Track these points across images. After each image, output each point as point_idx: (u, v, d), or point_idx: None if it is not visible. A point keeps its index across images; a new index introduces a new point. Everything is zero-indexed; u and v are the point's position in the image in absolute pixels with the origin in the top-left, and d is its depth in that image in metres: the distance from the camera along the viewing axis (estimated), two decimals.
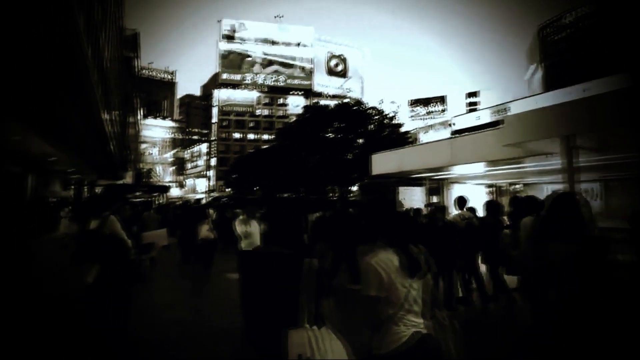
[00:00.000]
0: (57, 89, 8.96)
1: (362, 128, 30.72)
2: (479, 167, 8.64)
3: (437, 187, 13.01)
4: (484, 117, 20.18)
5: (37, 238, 11.44)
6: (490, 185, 13.28)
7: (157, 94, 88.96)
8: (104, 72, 16.13)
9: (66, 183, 27.76)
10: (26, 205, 14.47)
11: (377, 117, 30.50)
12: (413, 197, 12.91)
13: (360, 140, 31.16)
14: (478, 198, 9.50)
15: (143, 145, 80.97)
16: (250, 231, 4.52)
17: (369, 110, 30.27)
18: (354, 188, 44.05)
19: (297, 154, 29.98)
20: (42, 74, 7.37)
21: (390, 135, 30.13)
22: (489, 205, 5.84)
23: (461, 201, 6.29)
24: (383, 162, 11.98)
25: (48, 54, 7.50)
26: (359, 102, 33.08)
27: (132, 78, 36.50)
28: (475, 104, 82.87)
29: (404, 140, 30.92)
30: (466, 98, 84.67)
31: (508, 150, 5.56)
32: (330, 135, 30.90)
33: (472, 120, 19.68)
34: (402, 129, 32.13)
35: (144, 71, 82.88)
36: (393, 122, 30.95)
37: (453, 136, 12.57)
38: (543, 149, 5.02)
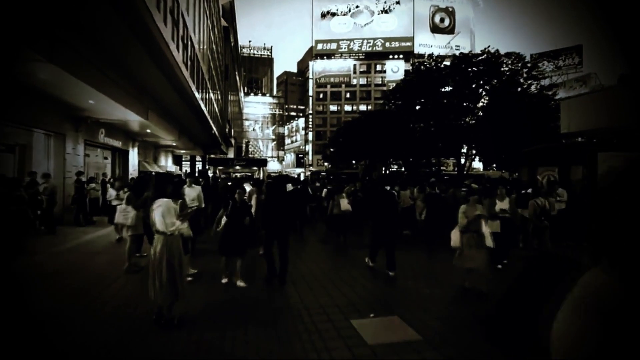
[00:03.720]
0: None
1: (486, 85, 24.33)
2: None
3: None
4: None
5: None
6: None
7: (257, 72, 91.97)
8: (193, 51, 14.40)
9: (176, 159, 28.95)
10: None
11: (508, 71, 23.61)
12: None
13: (482, 102, 24.90)
14: None
15: (246, 123, 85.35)
16: None
17: (501, 59, 23.43)
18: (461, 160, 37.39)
19: (397, 121, 25.36)
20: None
21: (523, 94, 23.12)
22: None
23: None
24: (584, 112, 7.21)
25: None
26: (473, 55, 25.26)
27: (231, 51, 36.22)
28: None
29: (546, 99, 23.50)
30: None
31: None
32: (441, 98, 25.20)
33: None
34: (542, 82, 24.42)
35: (244, 50, 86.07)
36: (533, 72, 23.65)
37: None
38: None
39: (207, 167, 23.11)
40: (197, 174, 24.55)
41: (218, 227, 4.98)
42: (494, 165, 29.93)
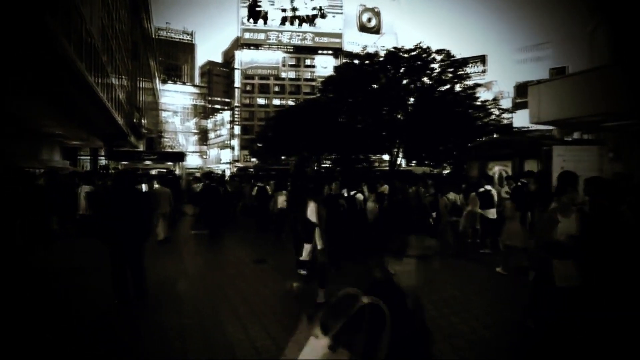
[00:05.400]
0: None
1: (417, 82, 24.40)
2: None
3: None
4: None
5: None
6: None
7: (176, 58, 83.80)
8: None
9: (67, 152, 23.70)
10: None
11: (438, 67, 23.90)
12: (579, 163, 7.33)
13: (411, 99, 24.99)
14: None
15: (164, 114, 77.37)
16: None
17: (432, 55, 23.46)
18: (386, 157, 38.00)
19: (330, 114, 24.16)
20: None
21: (448, 93, 23.71)
22: None
23: None
24: (558, 98, 6.26)
25: None
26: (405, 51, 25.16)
27: (141, 28, 31.27)
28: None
29: (472, 98, 24.45)
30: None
31: None
32: (374, 93, 24.62)
33: None
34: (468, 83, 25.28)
35: (160, 32, 77.42)
36: (459, 72, 24.32)
37: None
38: None
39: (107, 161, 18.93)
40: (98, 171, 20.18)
41: None
42: (414, 161, 30.38)
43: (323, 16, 70.30)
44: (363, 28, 73.46)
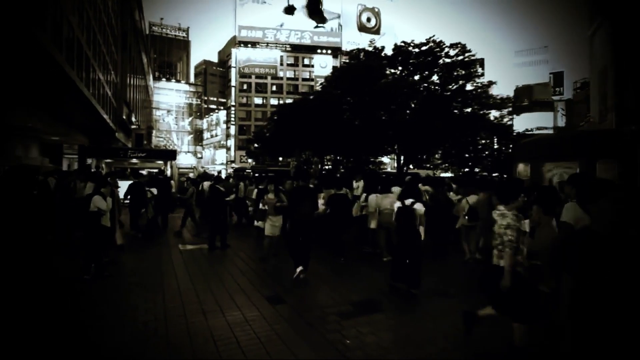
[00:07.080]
0: None
1: (426, 79, 22.84)
2: None
3: None
4: None
5: None
6: None
7: (170, 55, 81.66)
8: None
9: (48, 149, 21.69)
10: None
11: (446, 64, 22.26)
12: None
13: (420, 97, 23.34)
14: None
15: (158, 113, 75.24)
16: None
17: (445, 50, 21.83)
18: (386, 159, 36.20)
19: (336, 111, 22.46)
20: None
21: (459, 91, 22.01)
22: None
23: None
24: None
25: None
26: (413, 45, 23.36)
27: (132, 20, 29.40)
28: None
29: (485, 97, 22.82)
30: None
31: None
32: (381, 91, 22.94)
33: None
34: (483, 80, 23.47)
35: (154, 28, 75.27)
36: (472, 70, 22.70)
37: None
38: None
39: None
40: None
41: None
42: (411, 164, 28.54)
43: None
44: (362, 28, 72.12)
